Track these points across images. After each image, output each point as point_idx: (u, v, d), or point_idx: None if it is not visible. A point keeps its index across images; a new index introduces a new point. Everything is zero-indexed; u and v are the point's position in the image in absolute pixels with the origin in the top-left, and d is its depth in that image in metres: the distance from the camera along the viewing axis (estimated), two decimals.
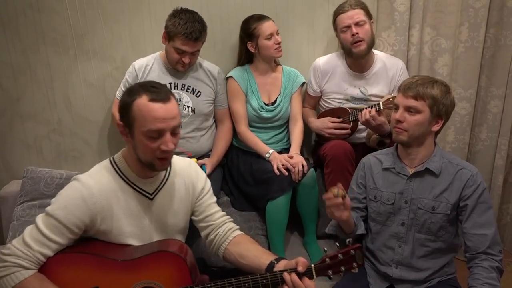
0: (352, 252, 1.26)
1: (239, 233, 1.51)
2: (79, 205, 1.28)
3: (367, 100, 2.19)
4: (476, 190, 1.51)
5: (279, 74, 2.25)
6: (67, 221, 1.27)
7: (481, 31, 2.36)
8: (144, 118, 1.24)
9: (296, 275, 1.24)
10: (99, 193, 1.31)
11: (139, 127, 1.26)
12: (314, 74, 2.25)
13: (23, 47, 2.15)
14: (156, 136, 1.26)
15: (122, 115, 1.30)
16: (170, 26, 1.92)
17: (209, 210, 1.52)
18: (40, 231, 1.27)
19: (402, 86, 1.55)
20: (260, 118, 2.20)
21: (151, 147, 1.27)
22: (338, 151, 2.02)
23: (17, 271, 1.24)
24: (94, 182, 1.32)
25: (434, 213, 1.55)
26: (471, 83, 2.45)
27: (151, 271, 1.32)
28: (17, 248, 1.25)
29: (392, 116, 1.58)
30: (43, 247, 1.26)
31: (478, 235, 1.50)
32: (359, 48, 2.06)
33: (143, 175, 1.38)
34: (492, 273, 1.46)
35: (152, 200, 1.41)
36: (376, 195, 1.65)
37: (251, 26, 2.12)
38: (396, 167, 1.62)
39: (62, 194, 1.31)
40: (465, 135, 2.52)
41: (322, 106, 2.30)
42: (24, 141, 2.27)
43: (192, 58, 1.99)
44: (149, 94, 1.25)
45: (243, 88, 2.17)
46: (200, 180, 1.52)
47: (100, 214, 1.32)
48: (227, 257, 1.48)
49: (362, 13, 2.07)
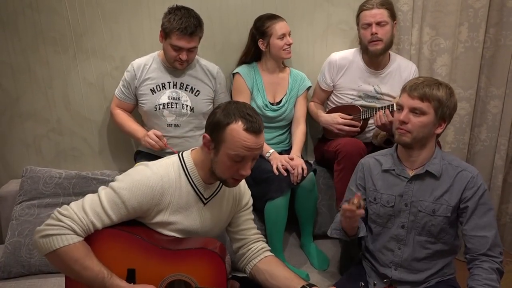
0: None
1: (271, 254, 1.54)
2: (146, 193, 1.31)
3: (380, 98, 2.19)
4: (477, 192, 1.50)
5: (286, 75, 2.26)
6: (129, 203, 1.30)
7: (481, 31, 2.36)
8: (235, 143, 1.30)
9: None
10: (165, 186, 1.34)
11: (226, 149, 1.31)
12: (329, 68, 2.23)
13: (23, 46, 2.15)
14: (239, 160, 1.32)
15: (212, 132, 1.33)
16: (165, 23, 1.92)
17: (247, 224, 1.57)
18: (101, 203, 1.29)
19: (407, 86, 1.53)
20: (264, 116, 2.19)
21: (232, 169, 1.34)
22: (352, 148, 2.01)
23: (69, 233, 1.24)
24: (164, 173, 1.35)
25: (435, 216, 1.54)
26: (470, 83, 2.45)
27: (189, 265, 1.33)
28: (74, 212, 1.26)
29: (396, 116, 1.56)
30: (97, 219, 1.28)
31: (478, 237, 1.49)
32: (375, 47, 2.07)
33: (207, 181, 1.42)
34: (492, 275, 1.45)
35: (205, 205, 1.45)
36: (376, 197, 1.64)
37: (265, 24, 2.13)
38: (396, 169, 1.61)
39: (131, 175, 1.34)
40: (465, 135, 2.52)
41: (333, 101, 2.29)
42: (23, 140, 2.27)
43: (190, 55, 1.98)
44: (245, 122, 1.30)
45: (249, 85, 2.17)
46: (246, 195, 1.59)
47: (159, 206, 1.35)
48: (255, 274, 1.49)
49: (386, 13, 2.07)
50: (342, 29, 2.39)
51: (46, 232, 1.24)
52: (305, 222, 2.13)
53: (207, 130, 1.36)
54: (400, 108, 1.55)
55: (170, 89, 2.07)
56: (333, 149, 2.09)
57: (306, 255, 2.11)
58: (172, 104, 2.07)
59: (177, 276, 1.34)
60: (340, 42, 2.39)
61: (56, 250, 1.23)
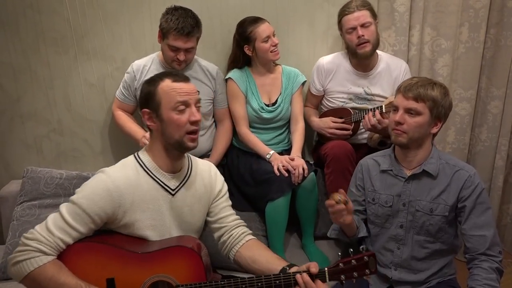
0: (366, 258, 1.27)
1: (252, 237, 1.53)
2: (104, 197, 1.32)
3: (371, 100, 2.19)
4: (474, 191, 1.51)
5: (278, 74, 2.24)
6: (91, 211, 1.30)
7: (482, 32, 2.36)
8: (171, 95, 1.35)
9: (308, 276, 1.26)
10: (124, 186, 1.35)
11: (167, 105, 1.35)
12: (318, 73, 2.24)
13: (23, 47, 2.15)
14: (183, 108, 1.36)
15: (147, 103, 1.38)
16: (163, 23, 1.93)
17: (224, 212, 1.56)
18: (63, 218, 1.30)
19: (401, 87, 1.54)
20: (261, 119, 2.19)
21: (181, 120, 1.36)
22: (339, 151, 2.02)
23: (37, 256, 1.25)
24: (120, 175, 1.36)
25: (432, 215, 1.55)
26: (471, 84, 2.45)
27: (166, 265, 1.34)
28: (39, 233, 1.28)
29: (392, 117, 1.57)
30: (64, 234, 1.29)
31: (477, 236, 1.50)
32: (364, 49, 2.07)
33: (167, 169, 1.42)
34: (492, 274, 1.45)
35: (174, 196, 1.44)
36: (374, 197, 1.65)
37: (247, 30, 2.10)
38: (394, 169, 1.61)
39: (88, 184, 1.35)
40: (465, 135, 2.52)
41: (325, 105, 2.30)
42: (24, 141, 2.27)
43: (187, 55, 1.98)
44: (171, 76, 1.38)
45: (243, 90, 2.17)
46: (218, 182, 1.58)
47: (123, 206, 1.35)
48: (238, 260, 1.49)
49: (368, 14, 2.06)
50: None
51: (15, 259, 1.26)
52: (306, 222, 2.13)
53: (142, 107, 1.40)
54: (395, 109, 1.55)
55: None
56: (323, 152, 2.11)
57: (307, 255, 2.11)
58: None
59: (157, 277, 1.34)
60: (341, 43, 2.39)
61: (28, 275, 1.24)
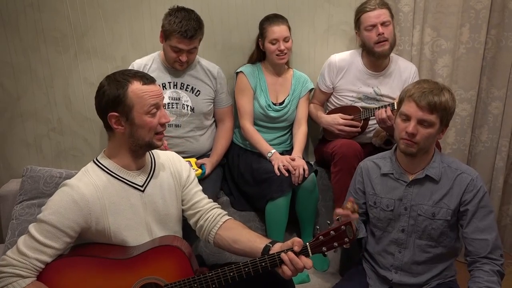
0: (343, 227, 1.29)
1: (228, 218, 1.53)
2: (72, 208, 1.29)
3: (379, 100, 2.19)
4: (477, 194, 1.49)
5: (289, 76, 2.26)
6: (61, 225, 1.27)
7: (482, 32, 2.36)
8: (144, 99, 1.33)
9: (293, 254, 1.27)
10: (90, 194, 1.32)
11: (139, 109, 1.33)
12: (329, 70, 2.23)
13: (24, 46, 2.15)
14: (155, 111, 1.36)
15: (114, 106, 1.33)
16: (166, 25, 1.92)
17: (196, 197, 1.55)
18: (34, 238, 1.26)
19: (413, 95, 1.46)
20: (267, 116, 2.20)
21: (154, 123, 1.36)
22: (347, 150, 2.01)
23: (15, 281, 1.23)
24: (82, 183, 1.33)
25: (435, 220, 1.53)
26: (472, 85, 2.45)
27: (151, 267, 1.33)
28: (12, 258, 1.25)
29: (402, 126, 1.50)
30: (39, 254, 1.26)
31: (479, 240, 1.48)
32: (383, 48, 2.06)
33: (130, 167, 1.41)
34: (493, 277, 1.44)
35: (144, 191, 1.43)
36: (376, 201, 1.63)
37: (262, 25, 2.13)
38: (395, 172, 1.59)
39: (52, 200, 1.31)
40: (466, 136, 2.52)
41: (332, 103, 2.29)
42: (24, 140, 2.27)
43: (189, 56, 1.98)
44: (139, 79, 1.35)
45: (252, 85, 2.18)
46: (184, 169, 1.56)
47: (94, 213, 1.32)
48: (218, 243, 1.49)
49: (388, 13, 2.07)
50: (343, 29, 2.39)
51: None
52: (306, 222, 2.13)
53: (108, 110, 1.33)
54: (406, 118, 1.49)
55: (170, 89, 2.07)
56: (330, 150, 2.10)
57: None
58: (173, 104, 2.06)
59: (144, 280, 1.33)
60: (341, 43, 2.39)
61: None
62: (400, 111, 1.52)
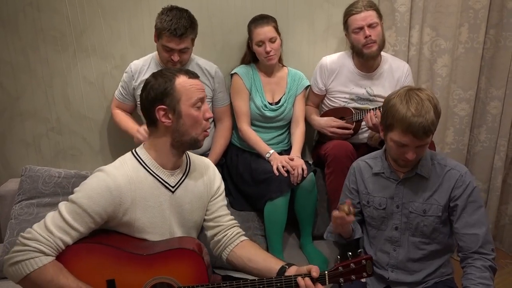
0: (364, 262, 1.30)
1: (245, 238, 1.54)
2: (104, 195, 1.29)
3: (373, 100, 2.19)
4: (466, 190, 1.51)
5: (284, 74, 2.25)
6: (91, 210, 1.28)
7: (481, 32, 2.36)
8: (190, 92, 1.36)
9: (310, 280, 1.28)
10: (124, 184, 1.33)
11: (186, 101, 1.36)
12: (321, 73, 2.24)
13: (23, 45, 2.15)
14: (200, 105, 1.39)
15: (162, 99, 1.35)
16: (157, 23, 1.92)
17: (221, 211, 1.55)
18: (63, 217, 1.26)
19: (409, 128, 1.39)
20: (263, 117, 2.19)
21: (200, 117, 1.39)
22: (339, 151, 2.02)
23: (37, 256, 1.22)
24: (119, 173, 1.34)
25: (426, 216, 1.55)
26: (470, 84, 2.45)
27: (168, 267, 1.33)
28: (38, 233, 1.24)
29: (398, 152, 1.48)
30: (64, 234, 1.26)
31: (469, 235, 1.50)
32: (371, 49, 2.06)
33: (166, 166, 1.41)
34: (485, 273, 1.45)
35: (174, 193, 1.43)
36: (369, 200, 1.65)
37: (249, 26, 2.12)
38: (386, 171, 1.61)
39: (87, 183, 1.33)
40: (464, 136, 2.53)
41: (326, 104, 2.29)
42: (23, 139, 2.27)
43: (182, 56, 1.96)
44: (185, 73, 1.38)
45: (247, 86, 2.17)
46: (217, 179, 1.57)
47: (124, 204, 1.33)
48: (232, 260, 1.49)
49: (375, 14, 2.06)
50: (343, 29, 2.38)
51: (14, 259, 1.22)
52: (305, 222, 2.13)
53: (156, 103, 1.35)
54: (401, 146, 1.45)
55: None
56: (323, 152, 2.11)
57: (305, 255, 2.11)
58: None
59: (158, 279, 1.33)
60: (341, 43, 2.39)
61: (27, 276, 1.21)
62: (393, 139, 1.46)
